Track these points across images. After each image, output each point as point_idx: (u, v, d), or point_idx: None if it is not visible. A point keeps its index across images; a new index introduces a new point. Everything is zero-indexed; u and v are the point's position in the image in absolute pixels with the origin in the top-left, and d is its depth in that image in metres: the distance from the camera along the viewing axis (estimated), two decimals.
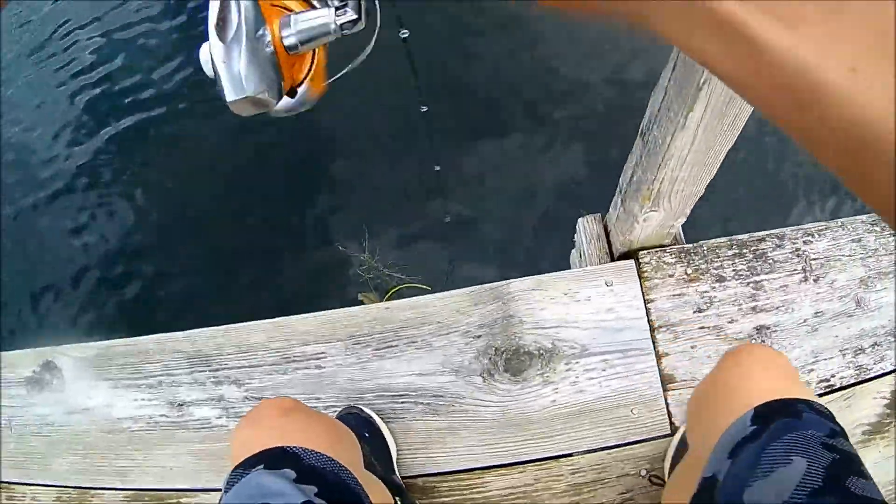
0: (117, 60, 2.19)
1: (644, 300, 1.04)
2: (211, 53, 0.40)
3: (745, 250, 1.12)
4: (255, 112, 0.43)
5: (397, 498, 0.88)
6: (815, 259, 1.16)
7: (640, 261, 1.05)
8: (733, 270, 1.10)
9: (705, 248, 1.09)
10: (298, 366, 1.01)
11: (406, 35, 0.68)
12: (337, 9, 0.43)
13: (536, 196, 1.75)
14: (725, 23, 0.18)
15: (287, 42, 0.43)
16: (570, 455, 1.01)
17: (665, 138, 0.87)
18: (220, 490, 0.78)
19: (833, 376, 1.12)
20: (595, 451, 1.02)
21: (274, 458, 0.57)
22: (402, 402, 1.00)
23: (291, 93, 0.49)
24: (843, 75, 0.16)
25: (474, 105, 1.88)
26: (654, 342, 1.04)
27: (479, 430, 1.00)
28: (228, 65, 0.40)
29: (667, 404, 1.04)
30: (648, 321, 1.04)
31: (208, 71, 0.42)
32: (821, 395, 1.09)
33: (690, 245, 1.09)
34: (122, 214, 1.90)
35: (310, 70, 0.50)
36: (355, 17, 0.43)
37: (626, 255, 1.06)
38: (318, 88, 0.53)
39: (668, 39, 0.20)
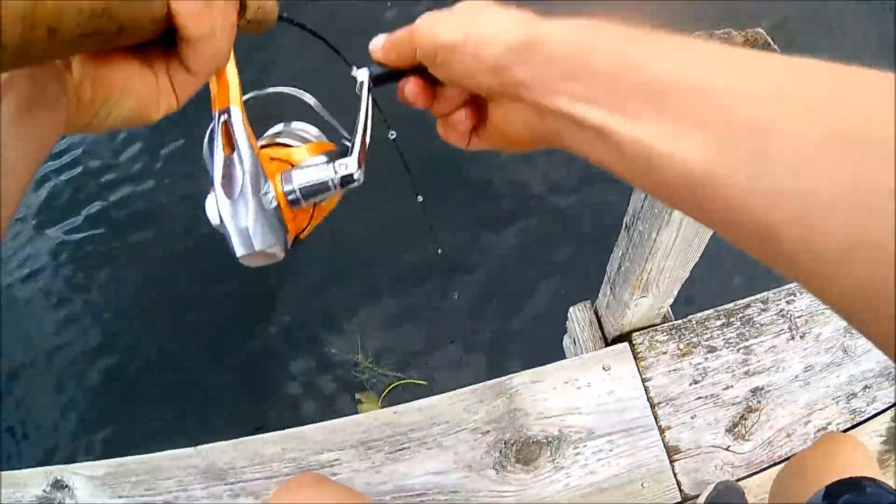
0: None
1: (642, 379, 1.09)
2: (218, 209, 0.42)
3: (732, 318, 1.17)
4: (263, 263, 0.44)
5: None
6: (799, 317, 1.22)
7: (634, 342, 1.10)
8: (723, 339, 1.15)
9: (694, 322, 1.14)
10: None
11: (394, 136, 0.71)
12: (336, 164, 0.44)
13: (524, 283, 1.79)
14: (600, 130, 0.26)
15: (290, 198, 0.44)
16: None
17: (650, 233, 0.92)
18: None
19: (829, 424, 1.17)
20: None
21: None
22: (421, 500, 1.02)
23: (296, 241, 0.50)
24: (670, 142, 0.23)
25: (469, 195, 1.93)
26: (655, 418, 1.08)
27: None
28: (236, 220, 0.42)
29: (675, 474, 1.08)
30: (648, 398, 1.09)
31: (214, 221, 0.43)
32: None
33: (680, 321, 1.14)
34: (108, 326, 1.88)
35: (312, 216, 0.52)
36: (354, 175, 0.44)
37: (619, 339, 1.11)
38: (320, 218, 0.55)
39: (569, 150, 0.30)
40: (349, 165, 0.44)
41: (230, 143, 0.43)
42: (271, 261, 0.44)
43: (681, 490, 1.08)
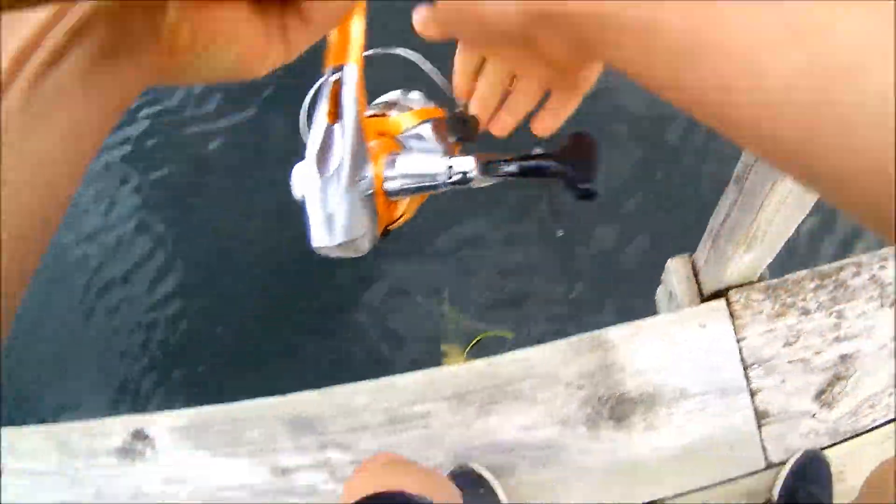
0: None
1: (736, 339, 1.06)
2: (305, 184, 0.35)
3: (826, 280, 1.14)
4: (343, 255, 0.38)
5: None
6: (888, 284, 1.18)
7: (731, 300, 1.07)
8: (816, 302, 1.12)
9: (790, 283, 1.11)
10: (406, 426, 1.02)
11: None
12: (453, 161, 0.37)
13: (621, 236, 1.70)
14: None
15: (389, 186, 0.37)
16: (680, 495, 1.03)
17: (763, 186, 0.88)
18: None
19: None
20: (700, 489, 1.04)
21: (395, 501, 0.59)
22: (511, 457, 1.01)
23: (385, 233, 0.43)
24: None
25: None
26: (747, 380, 1.06)
27: (589, 479, 1.01)
28: (323, 204, 0.35)
29: (762, 439, 1.06)
30: (741, 359, 1.06)
31: (296, 193, 0.37)
32: None
33: (776, 280, 1.10)
34: (186, 274, 1.83)
35: (407, 207, 0.44)
36: (470, 176, 0.37)
37: (715, 295, 1.08)
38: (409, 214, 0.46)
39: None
40: (466, 166, 0.37)
41: (336, 110, 0.36)
42: (353, 255, 0.38)
43: (766, 456, 1.06)
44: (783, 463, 1.07)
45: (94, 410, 1.53)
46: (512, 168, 0.35)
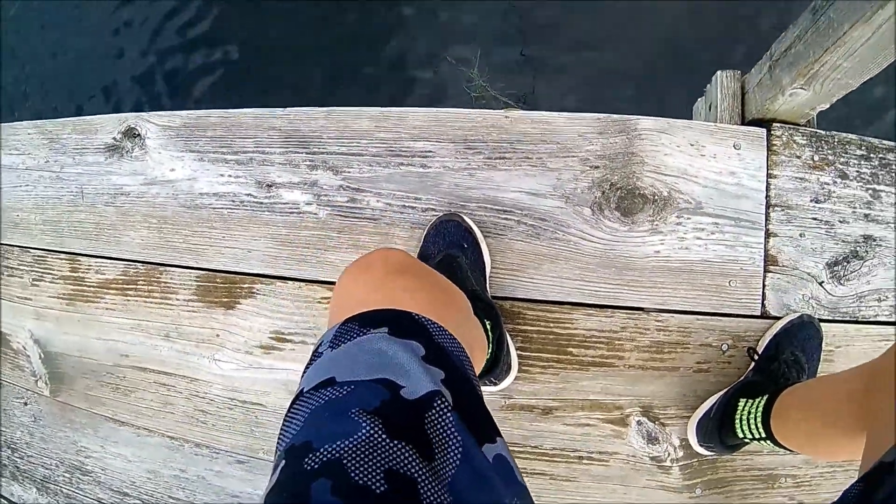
0: None
1: (767, 173, 1.00)
2: None
3: (872, 155, 1.07)
4: None
5: (486, 321, 0.85)
6: None
7: (773, 132, 1.00)
8: (857, 171, 1.06)
9: (836, 140, 1.04)
10: (403, 161, 0.97)
11: None
12: None
13: (666, 31, 1.57)
14: None
15: None
16: (662, 311, 0.98)
17: (842, 24, 0.80)
18: (295, 280, 0.68)
19: None
20: (686, 313, 0.99)
21: (400, 324, 0.46)
22: (506, 219, 0.96)
23: None
24: None
25: None
26: (767, 219, 1.00)
27: (578, 264, 0.96)
28: None
29: (764, 285, 1.01)
30: (767, 196, 1.00)
31: None
32: None
33: (824, 133, 1.04)
34: None
35: None
36: None
37: (757, 122, 1.02)
38: None
39: None
40: None
41: None
42: None
43: (763, 304, 1.01)
44: (777, 319, 1.02)
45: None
46: None
